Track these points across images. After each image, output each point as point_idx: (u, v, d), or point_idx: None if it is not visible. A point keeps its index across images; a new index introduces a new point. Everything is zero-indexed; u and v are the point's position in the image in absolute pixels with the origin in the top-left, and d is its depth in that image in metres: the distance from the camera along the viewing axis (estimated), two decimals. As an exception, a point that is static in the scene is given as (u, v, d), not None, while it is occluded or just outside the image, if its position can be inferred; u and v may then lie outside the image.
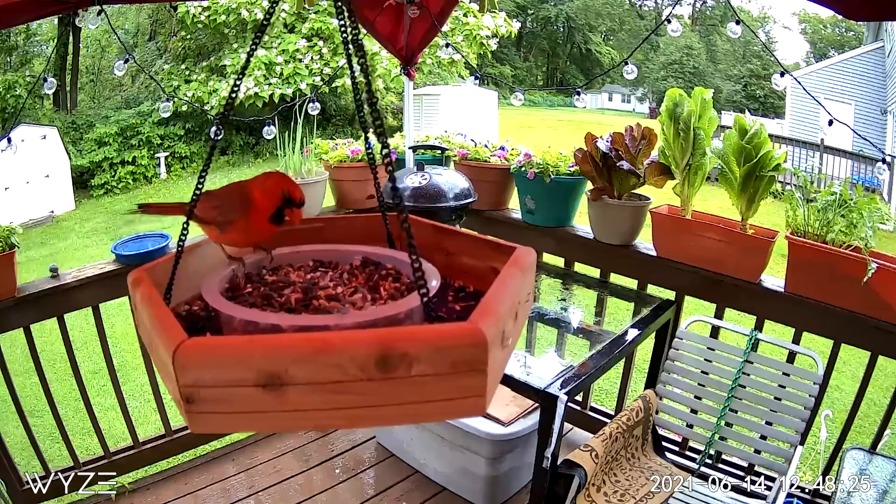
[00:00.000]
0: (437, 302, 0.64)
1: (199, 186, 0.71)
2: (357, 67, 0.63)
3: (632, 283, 2.15)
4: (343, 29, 0.63)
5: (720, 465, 1.97)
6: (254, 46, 0.70)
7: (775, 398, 1.71)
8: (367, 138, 0.78)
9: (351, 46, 0.64)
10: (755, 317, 1.90)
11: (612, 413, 2.36)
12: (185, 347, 0.47)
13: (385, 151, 0.59)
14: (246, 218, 0.72)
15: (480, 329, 0.47)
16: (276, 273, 0.73)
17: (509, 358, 0.58)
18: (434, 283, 0.63)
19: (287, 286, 0.67)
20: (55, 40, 13.20)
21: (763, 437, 1.73)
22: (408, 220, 0.58)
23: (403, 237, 0.58)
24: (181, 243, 0.71)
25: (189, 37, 13.11)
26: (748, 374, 1.75)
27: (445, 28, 2.42)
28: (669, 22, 1.78)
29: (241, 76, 0.71)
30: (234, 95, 0.70)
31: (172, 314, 0.56)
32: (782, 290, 1.80)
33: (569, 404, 1.41)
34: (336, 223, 0.89)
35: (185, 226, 0.71)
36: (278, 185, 0.73)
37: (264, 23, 0.68)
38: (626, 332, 1.75)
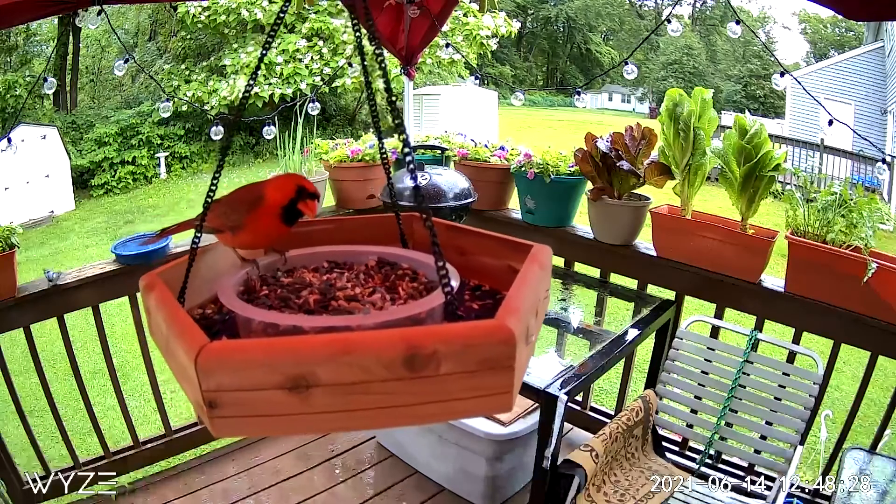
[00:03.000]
0: (456, 301, 0.65)
1: (210, 195, 0.70)
2: (377, 70, 0.63)
3: (632, 283, 2.15)
4: (357, 30, 0.63)
5: (720, 465, 1.97)
6: (265, 49, 0.69)
7: (775, 398, 1.71)
8: (380, 139, 0.78)
9: (365, 44, 0.64)
10: (755, 317, 1.90)
11: (612, 413, 2.36)
12: (208, 351, 0.46)
13: (407, 150, 0.59)
14: (256, 218, 0.71)
15: (508, 326, 0.47)
16: (290, 275, 0.72)
17: (532, 355, 0.59)
18: (455, 283, 0.63)
19: (304, 287, 0.66)
20: (55, 40, 13.20)
21: (763, 437, 1.73)
22: (431, 219, 0.58)
23: (418, 236, 0.58)
24: (194, 247, 0.70)
25: (189, 37, 13.12)
26: (748, 374, 1.75)
27: (445, 28, 2.42)
28: (669, 22, 1.78)
29: (253, 78, 0.70)
30: (247, 96, 0.70)
31: (190, 318, 0.55)
32: (782, 290, 1.80)
33: (569, 404, 1.41)
34: (347, 224, 0.88)
35: (197, 233, 0.71)
36: (290, 180, 0.73)
37: (276, 23, 0.67)
38: (626, 332, 1.75)
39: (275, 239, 0.75)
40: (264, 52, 0.70)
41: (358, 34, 0.64)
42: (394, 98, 0.60)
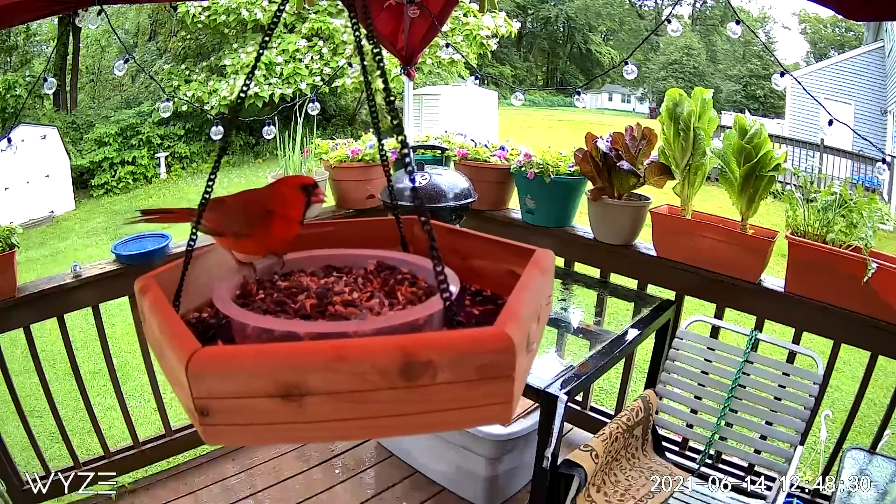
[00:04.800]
0: (456, 307, 0.63)
1: (207, 193, 0.68)
2: (375, 70, 0.63)
3: (632, 283, 2.15)
4: (356, 30, 0.62)
5: (720, 465, 1.97)
6: (262, 49, 0.68)
7: (775, 398, 1.71)
8: (380, 140, 0.76)
9: (364, 44, 0.63)
10: (755, 317, 1.90)
11: (612, 413, 2.36)
12: (199, 357, 0.45)
13: (406, 151, 0.58)
14: (268, 230, 0.70)
15: (508, 334, 0.45)
16: (288, 279, 0.70)
17: (532, 362, 0.57)
18: (454, 289, 0.61)
19: (301, 292, 0.64)
20: (55, 40, 13.20)
21: (763, 437, 1.73)
22: (429, 222, 0.57)
23: (419, 240, 0.57)
24: (190, 250, 0.68)
25: (189, 37, 13.11)
26: (748, 374, 1.75)
27: (445, 28, 2.42)
28: (669, 22, 1.78)
29: (249, 78, 0.68)
30: (242, 96, 0.69)
31: (183, 322, 0.54)
32: (782, 290, 1.80)
33: (569, 404, 1.41)
34: (347, 226, 0.87)
35: (192, 234, 0.69)
36: (293, 187, 0.71)
37: (273, 23, 0.67)
38: (626, 332, 1.75)
39: (283, 246, 0.73)
40: (261, 51, 0.69)
41: (357, 34, 0.63)
42: (392, 98, 0.60)
